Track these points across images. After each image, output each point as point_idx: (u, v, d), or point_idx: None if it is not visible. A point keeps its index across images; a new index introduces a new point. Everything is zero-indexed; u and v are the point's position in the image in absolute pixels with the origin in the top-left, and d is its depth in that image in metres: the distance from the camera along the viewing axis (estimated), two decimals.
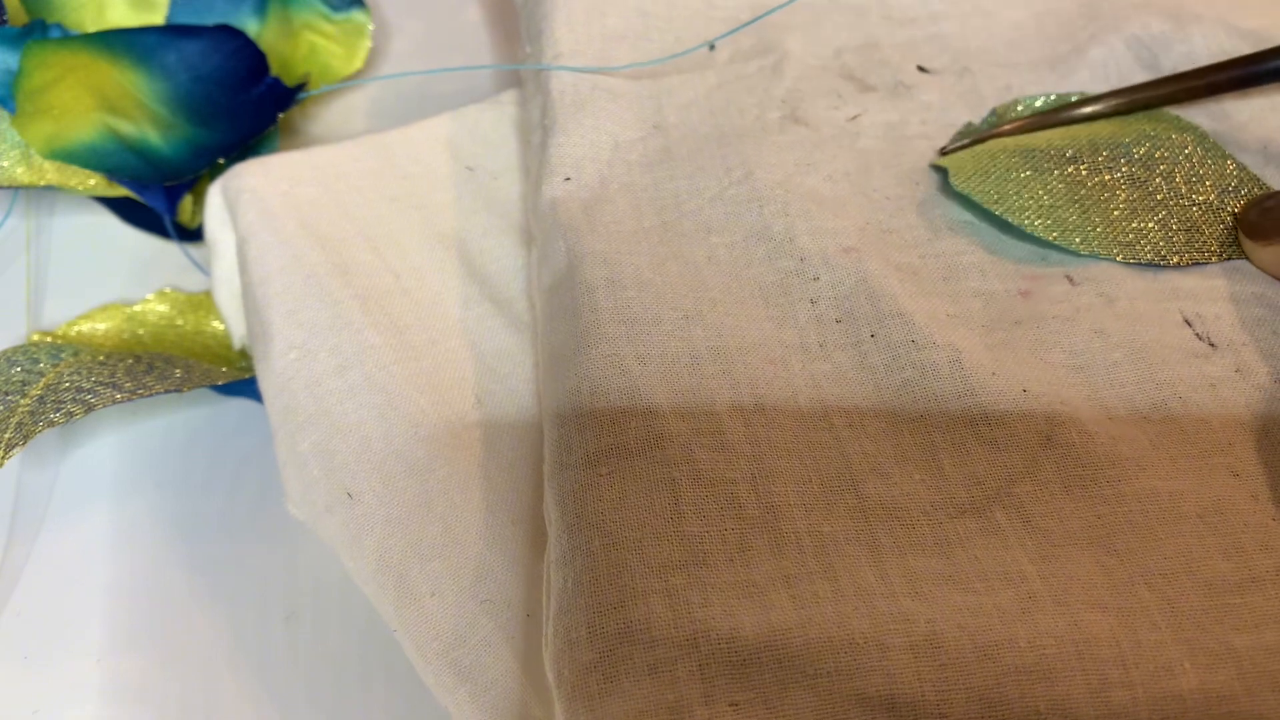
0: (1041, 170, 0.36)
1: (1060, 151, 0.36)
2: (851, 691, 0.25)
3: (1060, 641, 0.26)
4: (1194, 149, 0.36)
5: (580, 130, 0.38)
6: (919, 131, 0.39)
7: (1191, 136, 0.37)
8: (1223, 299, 0.34)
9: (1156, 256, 0.34)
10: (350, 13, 0.50)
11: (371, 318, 0.36)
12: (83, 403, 0.36)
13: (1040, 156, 0.36)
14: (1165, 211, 0.35)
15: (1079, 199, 0.35)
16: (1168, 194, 0.35)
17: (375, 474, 0.34)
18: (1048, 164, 0.36)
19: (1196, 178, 0.36)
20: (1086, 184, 0.35)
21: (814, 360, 0.32)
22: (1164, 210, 0.35)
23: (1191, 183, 0.36)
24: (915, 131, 0.39)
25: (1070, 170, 0.36)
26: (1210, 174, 0.36)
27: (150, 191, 0.44)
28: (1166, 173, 0.36)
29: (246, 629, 0.37)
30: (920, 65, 0.41)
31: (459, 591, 0.32)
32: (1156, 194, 0.35)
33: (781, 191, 0.36)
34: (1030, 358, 0.32)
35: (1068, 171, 0.36)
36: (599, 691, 0.26)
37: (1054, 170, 0.36)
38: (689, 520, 0.28)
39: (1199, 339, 0.33)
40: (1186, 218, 0.35)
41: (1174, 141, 0.36)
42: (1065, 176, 0.36)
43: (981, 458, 0.30)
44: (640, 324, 0.32)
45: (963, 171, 0.36)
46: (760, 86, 0.40)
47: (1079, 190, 0.35)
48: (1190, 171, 0.36)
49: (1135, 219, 0.35)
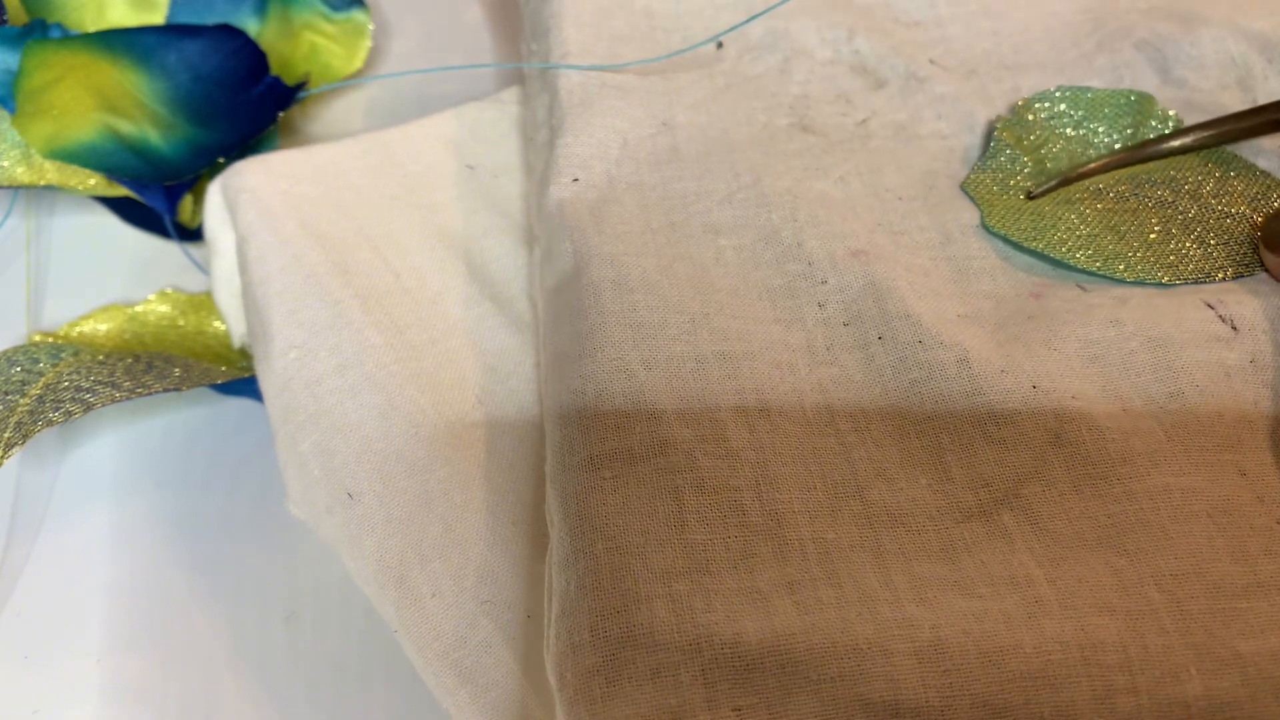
0: (1072, 203, 0.36)
1: (1088, 186, 0.36)
2: (855, 697, 0.25)
3: (1066, 647, 0.26)
4: (1215, 165, 0.36)
5: (588, 129, 0.38)
6: (932, 130, 0.39)
7: (1215, 157, 0.37)
8: (1248, 293, 0.33)
9: (1201, 274, 0.34)
10: (350, 12, 0.50)
11: (372, 317, 0.36)
12: (82, 402, 0.36)
13: (1068, 191, 0.36)
14: (1201, 228, 0.35)
15: (1113, 225, 0.35)
16: (1199, 211, 0.35)
17: (375, 474, 0.34)
18: (1077, 196, 0.36)
19: (1225, 192, 0.36)
20: (1118, 211, 0.35)
21: (821, 364, 0.32)
22: (1199, 227, 0.35)
23: (1221, 197, 0.36)
24: (928, 130, 0.39)
25: (1100, 206, 0.36)
26: (1237, 186, 0.36)
27: (150, 191, 0.44)
28: (1193, 191, 0.36)
29: (246, 629, 0.37)
30: (931, 59, 0.41)
31: (460, 592, 0.32)
32: (1188, 212, 0.35)
33: (790, 197, 0.36)
34: (1043, 350, 0.32)
35: (1098, 207, 0.36)
36: (601, 695, 0.26)
37: (1083, 203, 0.36)
38: (693, 528, 0.28)
39: (1221, 320, 0.32)
40: (1223, 231, 0.35)
41: (1195, 164, 0.37)
42: (1096, 205, 0.36)
43: (989, 458, 0.30)
44: (646, 328, 0.32)
45: (995, 210, 0.36)
46: (768, 90, 0.40)
47: (1112, 219, 0.35)
48: (1217, 186, 0.36)
49: (1173, 240, 0.35)
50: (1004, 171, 0.38)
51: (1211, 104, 0.39)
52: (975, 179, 0.37)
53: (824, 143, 0.38)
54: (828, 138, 0.38)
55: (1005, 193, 0.37)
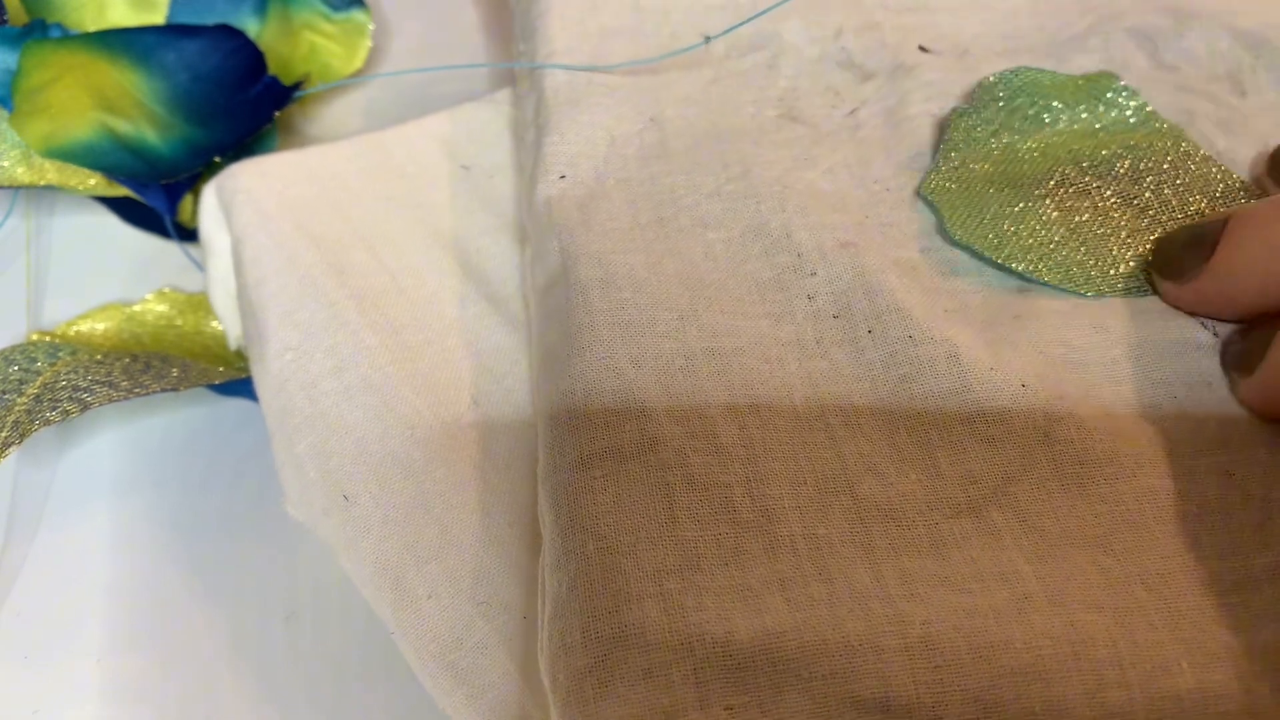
0: (1033, 199, 0.35)
1: (1047, 176, 0.35)
2: (846, 695, 0.25)
3: (1056, 642, 0.26)
4: (1175, 155, 0.36)
5: (575, 127, 0.37)
6: (921, 110, 0.38)
7: (1170, 143, 0.36)
8: None
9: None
10: (350, 12, 0.50)
11: (368, 318, 0.36)
12: (79, 401, 0.36)
13: (1028, 184, 0.35)
14: (1162, 230, 0.34)
15: (1076, 228, 0.34)
16: (1159, 209, 0.35)
17: (371, 476, 0.34)
18: (1038, 192, 0.35)
19: (1185, 187, 0.35)
20: (1080, 210, 0.35)
21: (810, 358, 0.32)
22: (1160, 229, 0.34)
23: (1181, 194, 0.35)
24: (917, 110, 0.38)
25: (1061, 196, 0.35)
26: (1196, 182, 0.35)
27: (150, 191, 0.44)
28: (1154, 185, 0.35)
29: (246, 629, 0.37)
30: (921, 45, 0.41)
31: (456, 594, 0.32)
32: (1149, 209, 0.35)
33: (779, 187, 0.36)
34: (1030, 351, 0.32)
35: (1059, 198, 0.35)
36: (594, 695, 0.26)
37: (1045, 199, 0.35)
38: (683, 524, 0.28)
39: (1203, 327, 0.32)
40: None
41: (1155, 150, 0.36)
42: (1058, 204, 0.35)
43: (979, 455, 0.30)
44: (634, 326, 0.32)
45: (957, 216, 0.35)
46: (756, 84, 0.40)
47: (1073, 218, 0.35)
48: (1177, 182, 0.35)
49: (1136, 245, 0.34)
50: (961, 169, 0.36)
51: (1203, 91, 0.39)
52: (933, 182, 0.36)
53: (813, 133, 0.38)
54: (817, 128, 0.38)
55: (966, 191, 0.36)
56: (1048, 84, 0.38)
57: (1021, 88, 0.38)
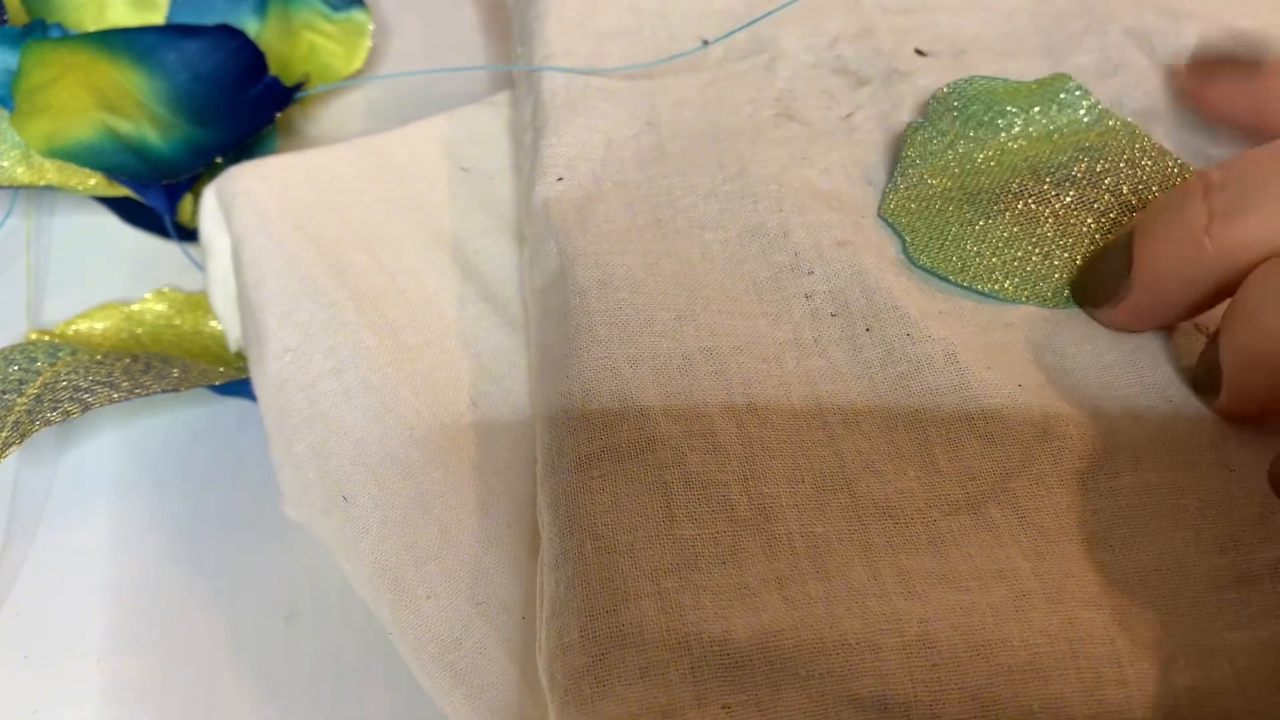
0: (992, 215, 0.34)
1: (1005, 187, 0.35)
2: (844, 693, 0.25)
3: (1054, 639, 0.26)
4: (1130, 152, 0.36)
5: (573, 129, 0.38)
6: (914, 116, 0.38)
7: (1126, 140, 0.36)
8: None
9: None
10: (350, 12, 0.50)
11: (367, 319, 0.36)
12: (80, 402, 0.36)
13: (987, 199, 0.35)
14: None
15: (1039, 241, 0.34)
16: (1120, 211, 0.34)
17: (370, 477, 0.34)
18: (997, 206, 0.35)
19: (1143, 183, 0.35)
20: (1041, 220, 0.34)
21: (808, 356, 0.32)
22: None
23: (1139, 191, 0.35)
24: (910, 116, 0.38)
25: (1020, 207, 0.34)
26: (1154, 177, 0.35)
27: (150, 191, 0.44)
28: (1113, 185, 0.35)
29: (246, 629, 0.37)
30: (918, 49, 0.40)
31: (455, 594, 0.32)
32: (1109, 212, 0.34)
33: (775, 186, 0.36)
34: (1024, 356, 0.32)
35: (1018, 209, 0.34)
36: (592, 695, 0.26)
37: (1005, 213, 0.34)
38: (681, 523, 0.28)
39: (1196, 329, 0.32)
40: None
41: (1110, 149, 0.36)
42: (1017, 216, 0.34)
43: (977, 452, 0.30)
44: (632, 326, 0.32)
45: (919, 239, 0.34)
46: (753, 84, 0.40)
47: (1035, 229, 0.34)
48: (1135, 179, 0.35)
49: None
50: (920, 185, 0.36)
51: None
52: (892, 203, 0.36)
53: (810, 132, 0.38)
54: (813, 127, 0.38)
55: (925, 211, 0.35)
56: (1001, 90, 0.37)
57: (975, 96, 0.37)
